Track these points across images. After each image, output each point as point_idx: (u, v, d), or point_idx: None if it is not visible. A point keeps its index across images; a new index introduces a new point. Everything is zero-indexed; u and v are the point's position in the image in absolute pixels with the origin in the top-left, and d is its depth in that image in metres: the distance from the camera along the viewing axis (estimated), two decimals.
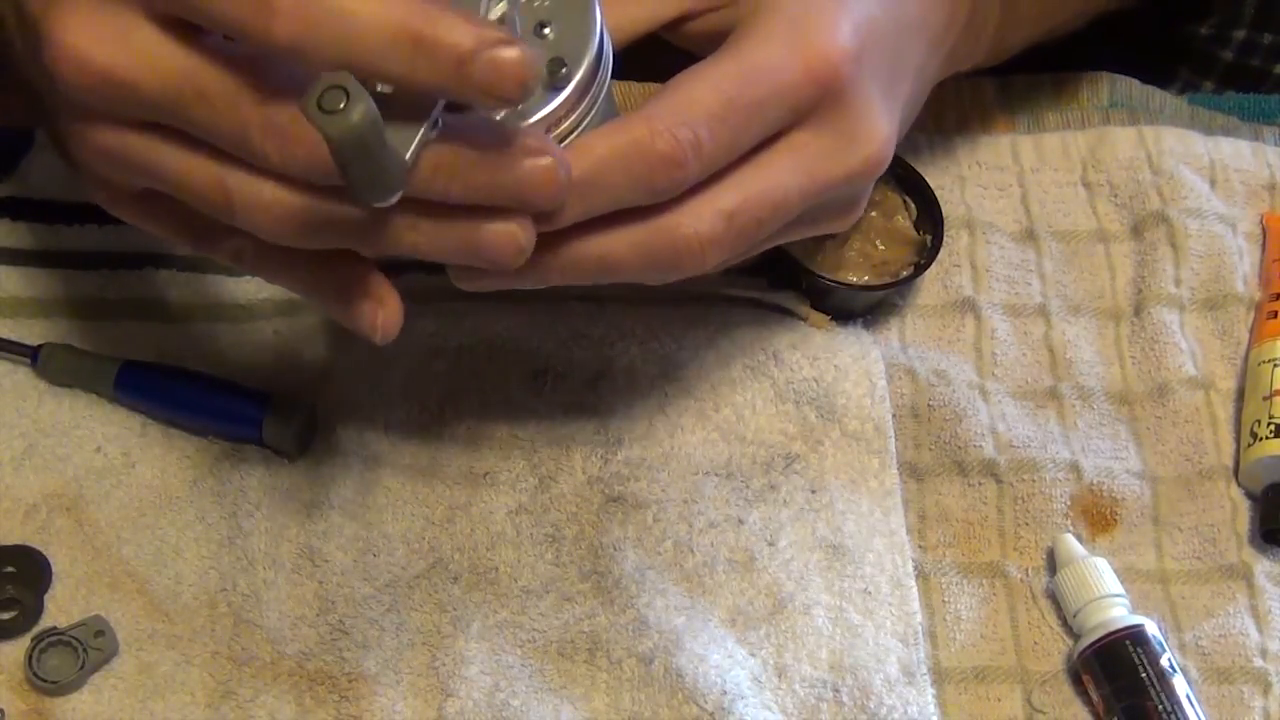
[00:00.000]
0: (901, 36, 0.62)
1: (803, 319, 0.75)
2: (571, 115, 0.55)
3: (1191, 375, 0.75)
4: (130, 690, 0.65)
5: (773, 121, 0.57)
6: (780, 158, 0.58)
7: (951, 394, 0.74)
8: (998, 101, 0.84)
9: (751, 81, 0.56)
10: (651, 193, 0.55)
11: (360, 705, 0.65)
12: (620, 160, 0.54)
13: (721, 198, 0.56)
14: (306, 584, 0.67)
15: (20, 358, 0.71)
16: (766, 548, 0.69)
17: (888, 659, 0.67)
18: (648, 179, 0.54)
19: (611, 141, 0.54)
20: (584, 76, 0.55)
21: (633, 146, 0.54)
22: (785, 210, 0.58)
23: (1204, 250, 0.79)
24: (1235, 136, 0.84)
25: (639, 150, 0.54)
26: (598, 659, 0.66)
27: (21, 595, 0.66)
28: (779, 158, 0.58)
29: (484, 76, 0.48)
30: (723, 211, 0.56)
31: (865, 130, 0.59)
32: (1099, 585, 0.68)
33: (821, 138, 0.58)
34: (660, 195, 0.55)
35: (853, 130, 0.59)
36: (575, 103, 0.55)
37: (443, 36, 0.48)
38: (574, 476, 0.71)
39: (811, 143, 0.58)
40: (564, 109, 0.55)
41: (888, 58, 0.61)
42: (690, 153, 0.54)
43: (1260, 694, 0.67)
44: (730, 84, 0.56)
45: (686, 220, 0.56)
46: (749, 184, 0.57)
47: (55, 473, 0.69)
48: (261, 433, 0.70)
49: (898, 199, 0.77)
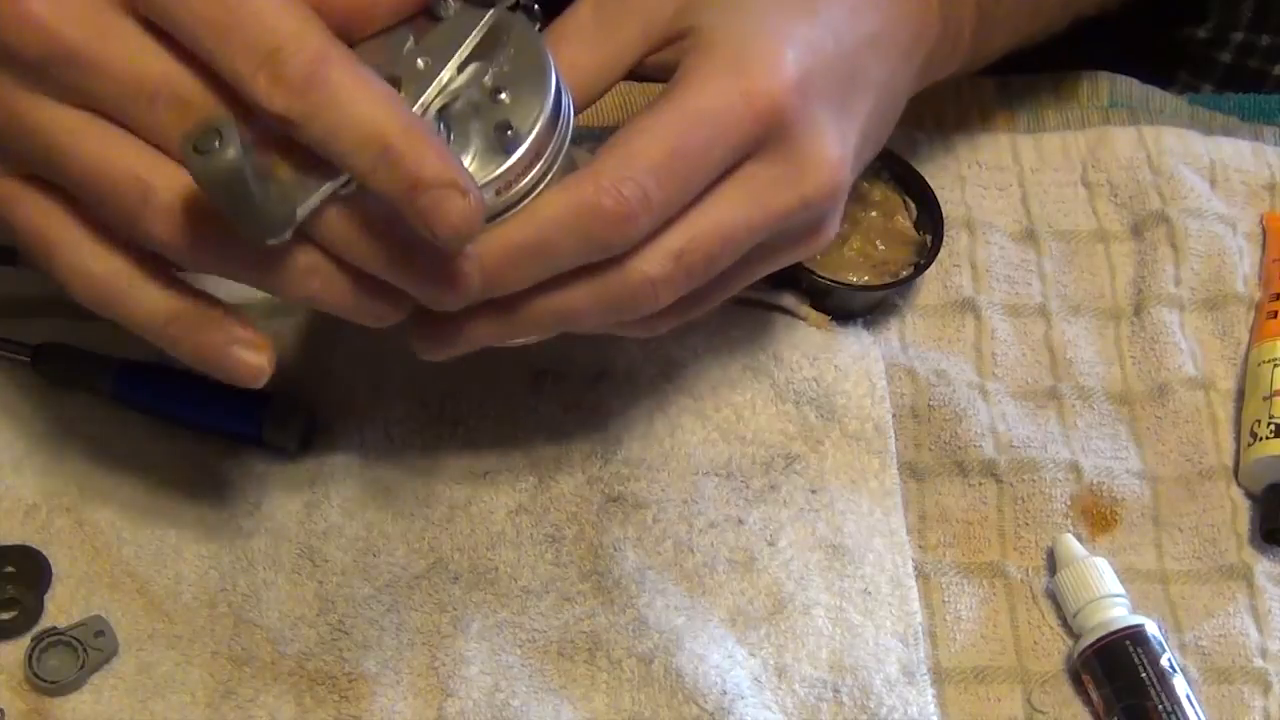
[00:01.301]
0: (858, 53, 0.62)
1: (803, 319, 0.75)
2: (525, 178, 0.55)
3: (1191, 375, 0.75)
4: (130, 690, 0.65)
5: (719, 162, 0.57)
6: (729, 192, 0.58)
7: (951, 394, 0.74)
8: (997, 101, 0.84)
9: (695, 127, 0.56)
10: (605, 249, 0.56)
11: (360, 705, 0.64)
12: (570, 222, 0.55)
13: (670, 238, 0.57)
14: (306, 584, 0.67)
15: (20, 358, 0.71)
16: (766, 548, 0.69)
17: (888, 659, 0.67)
18: (599, 238, 0.55)
19: (560, 203, 0.55)
20: (536, 140, 0.55)
21: (581, 207, 0.54)
22: (736, 243, 0.58)
23: (1204, 250, 0.79)
24: (1235, 136, 0.84)
25: (588, 210, 0.54)
26: (598, 659, 0.66)
27: (21, 595, 0.66)
28: (727, 193, 0.58)
29: (427, 211, 0.50)
30: (672, 251, 0.57)
31: (815, 157, 0.59)
32: (1099, 585, 0.68)
33: (770, 169, 0.58)
34: (613, 251, 0.56)
35: (802, 158, 0.58)
36: (528, 166, 0.55)
37: (409, 157, 0.50)
38: (574, 476, 0.71)
39: (759, 174, 0.58)
40: (515, 172, 0.55)
41: (839, 78, 0.61)
42: (639, 207, 0.55)
43: (1260, 694, 0.67)
44: (673, 132, 0.56)
45: (636, 263, 0.56)
46: (697, 222, 0.57)
47: (55, 473, 0.69)
48: (261, 433, 0.70)
49: (898, 199, 0.77)
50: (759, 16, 0.59)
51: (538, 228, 0.55)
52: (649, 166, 0.55)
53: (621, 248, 0.56)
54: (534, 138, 0.55)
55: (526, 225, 0.55)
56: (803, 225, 0.61)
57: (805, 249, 0.63)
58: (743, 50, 0.58)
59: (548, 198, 0.55)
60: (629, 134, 0.56)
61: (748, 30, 0.58)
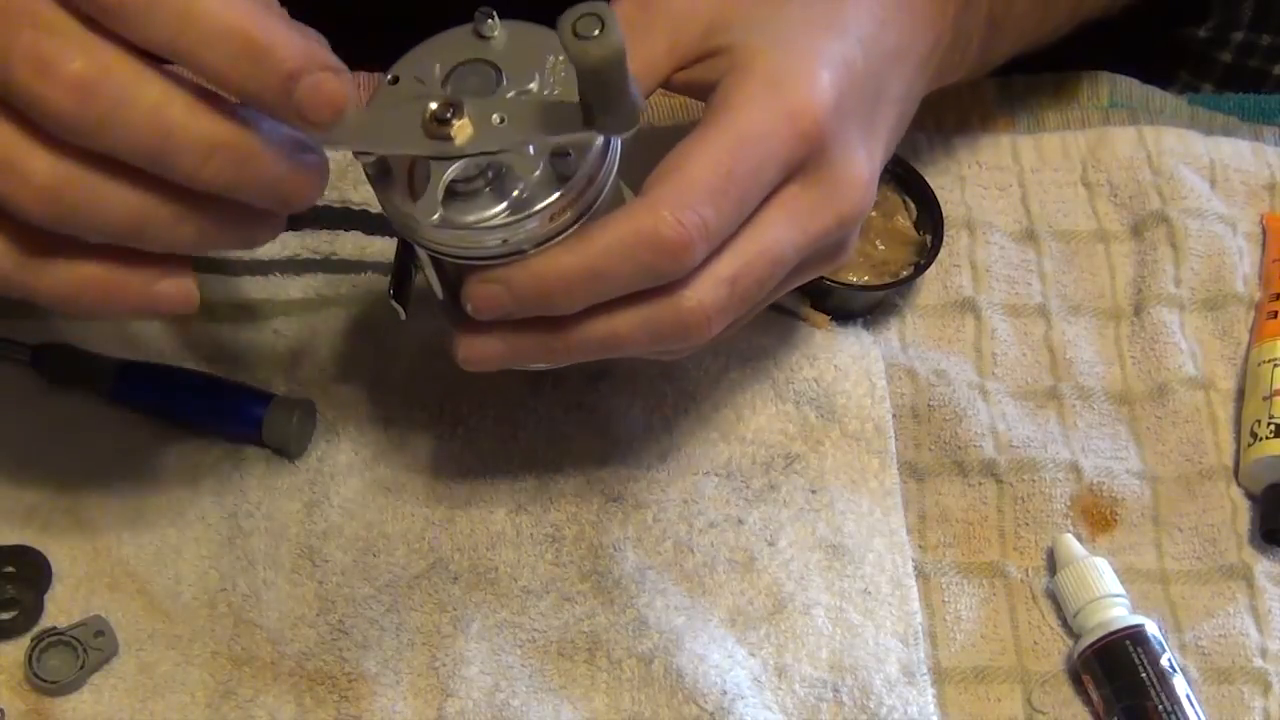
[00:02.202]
0: (883, 69, 0.62)
1: (803, 319, 0.75)
2: (574, 206, 0.55)
3: (1191, 375, 0.75)
4: (130, 690, 0.65)
5: (768, 184, 0.57)
6: (773, 215, 0.58)
7: (951, 394, 0.74)
8: (998, 101, 0.84)
9: (745, 150, 0.56)
10: (659, 278, 0.56)
11: (360, 705, 0.64)
12: (629, 250, 0.54)
13: (722, 265, 0.57)
14: (306, 584, 0.67)
15: (20, 358, 0.71)
16: (766, 548, 0.69)
17: (888, 659, 0.67)
18: (656, 267, 0.55)
19: (619, 231, 0.55)
20: (589, 168, 0.55)
21: (639, 236, 0.54)
22: (783, 266, 0.59)
23: (1204, 250, 0.79)
24: (1235, 136, 0.84)
25: (646, 240, 0.54)
26: (598, 659, 0.66)
27: (21, 595, 0.66)
28: (772, 216, 0.58)
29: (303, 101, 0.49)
30: (725, 279, 0.57)
31: (850, 177, 0.59)
32: (1099, 585, 0.68)
33: (810, 190, 0.58)
34: (668, 279, 0.56)
35: (837, 179, 0.59)
36: (579, 194, 0.55)
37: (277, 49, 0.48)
38: (574, 476, 0.71)
39: (801, 196, 0.58)
40: (566, 200, 0.55)
41: (868, 97, 0.61)
42: (697, 235, 0.55)
43: (1260, 694, 0.67)
44: (726, 157, 0.56)
45: (690, 292, 0.56)
46: (747, 247, 0.57)
47: (55, 473, 0.69)
48: (261, 433, 0.70)
49: (898, 199, 0.77)
50: (791, 35, 0.59)
51: (596, 254, 0.55)
52: (706, 193, 0.55)
53: (676, 276, 0.56)
54: (586, 167, 0.55)
55: (584, 251, 0.55)
56: (832, 244, 0.61)
57: (828, 265, 0.63)
58: (781, 71, 0.58)
59: (606, 225, 0.55)
60: (680, 160, 0.56)
61: (783, 50, 0.58)
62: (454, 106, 0.53)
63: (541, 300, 0.56)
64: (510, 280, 0.55)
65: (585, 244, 0.55)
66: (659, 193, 0.55)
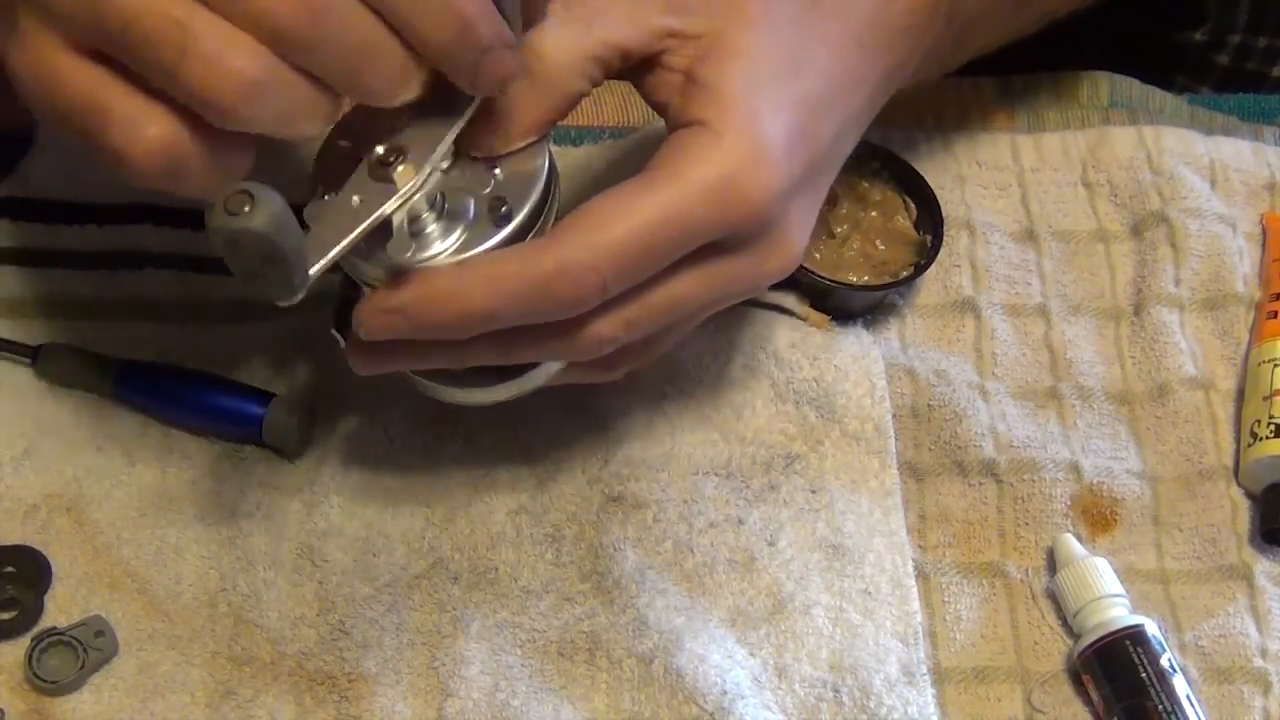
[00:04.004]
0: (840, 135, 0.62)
1: (803, 319, 0.75)
2: None
3: (1191, 375, 0.75)
4: (130, 690, 0.65)
5: (688, 250, 0.57)
6: (689, 275, 0.58)
7: (951, 394, 0.74)
8: (997, 101, 0.84)
9: (675, 227, 0.56)
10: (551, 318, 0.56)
11: (360, 705, 0.65)
12: (523, 294, 0.55)
13: (623, 308, 0.57)
14: (306, 584, 0.67)
15: (20, 358, 0.71)
16: (766, 548, 0.69)
17: (888, 659, 0.67)
18: (547, 313, 0.56)
19: (516, 275, 0.55)
20: (526, 218, 0.57)
21: (535, 282, 0.55)
22: (688, 315, 0.59)
23: (1204, 250, 0.79)
24: (1235, 136, 0.84)
25: (541, 288, 0.55)
26: (598, 659, 0.66)
27: (21, 595, 0.66)
28: (687, 274, 0.58)
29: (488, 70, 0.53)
30: (622, 319, 0.57)
31: (782, 248, 0.59)
32: (1099, 585, 0.68)
33: (737, 259, 0.59)
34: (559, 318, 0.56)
35: (769, 249, 0.59)
36: (515, 240, 0.57)
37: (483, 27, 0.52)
38: (574, 476, 0.71)
39: (724, 264, 0.58)
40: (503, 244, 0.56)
41: (819, 169, 0.61)
42: (593, 294, 0.55)
43: (1260, 694, 0.67)
44: (648, 227, 0.55)
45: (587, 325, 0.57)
46: (651, 298, 0.57)
47: (55, 473, 0.69)
48: (261, 433, 0.70)
49: (898, 199, 0.77)
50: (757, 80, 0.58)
51: (487, 294, 0.55)
52: (613, 257, 0.55)
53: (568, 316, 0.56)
54: (523, 217, 0.57)
55: (481, 289, 0.55)
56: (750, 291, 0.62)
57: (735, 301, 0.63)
58: (740, 149, 0.57)
59: (507, 262, 0.55)
60: (603, 211, 0.56)
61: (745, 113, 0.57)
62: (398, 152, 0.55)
63: (436, 330, 0.56)
64: (407, 309, 0.56)
65: (484, 281, 0.55)
66: (565, 239, 0.55)
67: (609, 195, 0.56)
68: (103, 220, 0.76)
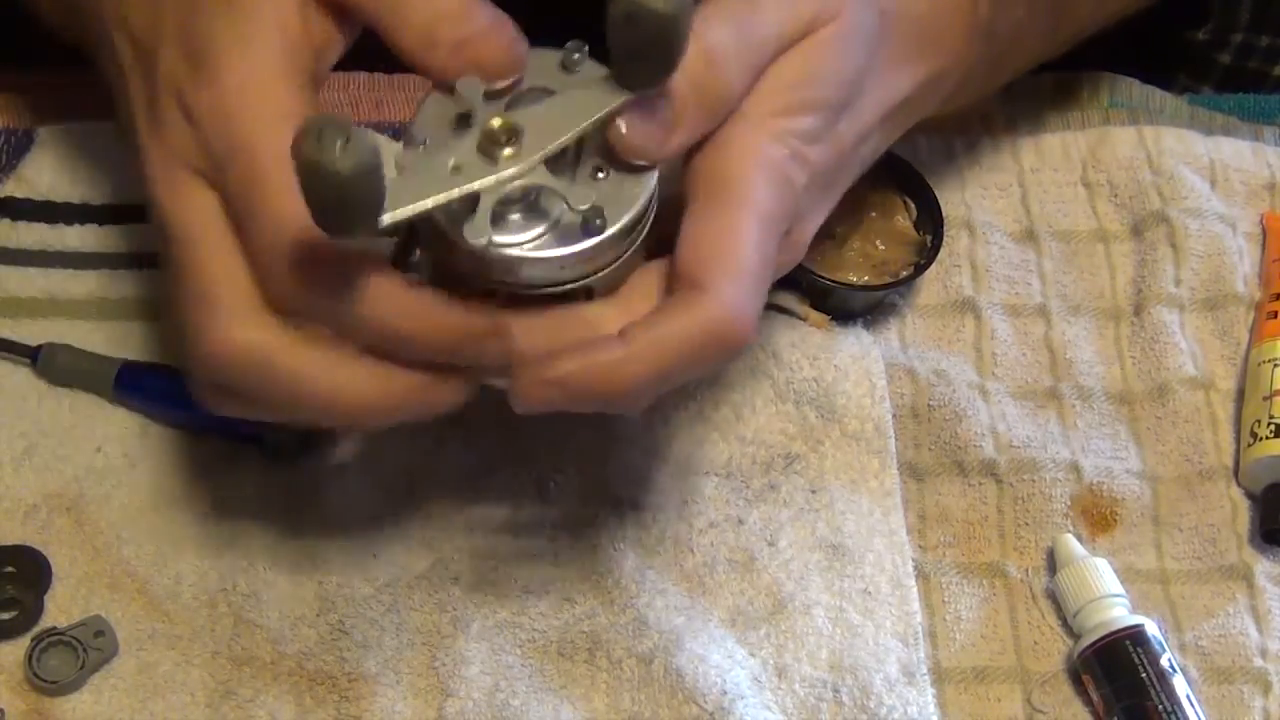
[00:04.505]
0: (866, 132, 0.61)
1: (803, 319, 0.75)
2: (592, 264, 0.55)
3: (1191, 375, 0.75)
4: (130, 690, 0.65)
5: None
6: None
7: (951, 394, 0.74)
8: (997, 101, 0.84)
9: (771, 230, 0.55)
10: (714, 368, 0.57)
11: (360, 705, 0.65)
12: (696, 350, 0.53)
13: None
14: (306, 584, 0.67)
15: (20, 358, 0.71)
16: (766, 548, 0.69)
17: (888, 659, 0.67)
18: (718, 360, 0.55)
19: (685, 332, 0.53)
20: (619, 231, 0.54)
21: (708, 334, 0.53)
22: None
23: (1204, 250, 0.79)
24: (1235, 136, 0.84)
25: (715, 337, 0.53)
26: (598, 659, 0.66)
27: (21, 595, 0.66)
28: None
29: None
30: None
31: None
32: (1099, 585, 0.68)
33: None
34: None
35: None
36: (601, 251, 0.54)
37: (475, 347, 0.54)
38: (574, 476, 0.71)
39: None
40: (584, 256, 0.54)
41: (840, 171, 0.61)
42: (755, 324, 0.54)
43: (1260, 694, 0.67)
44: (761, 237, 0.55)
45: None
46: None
47: (55, 473, 0.69)
48: (261, 433, 0.70)
49: (898, 199, 0.77)
50: None
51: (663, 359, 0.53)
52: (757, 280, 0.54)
53: None
54: (617, 230, 0.54)
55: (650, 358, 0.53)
56: None
57: None
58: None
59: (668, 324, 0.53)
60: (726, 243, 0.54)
61: None
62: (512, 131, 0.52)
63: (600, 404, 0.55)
64: (568, 384, 0.53)
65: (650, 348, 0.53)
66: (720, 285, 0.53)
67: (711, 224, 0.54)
68: (103, 220, 0.76)
